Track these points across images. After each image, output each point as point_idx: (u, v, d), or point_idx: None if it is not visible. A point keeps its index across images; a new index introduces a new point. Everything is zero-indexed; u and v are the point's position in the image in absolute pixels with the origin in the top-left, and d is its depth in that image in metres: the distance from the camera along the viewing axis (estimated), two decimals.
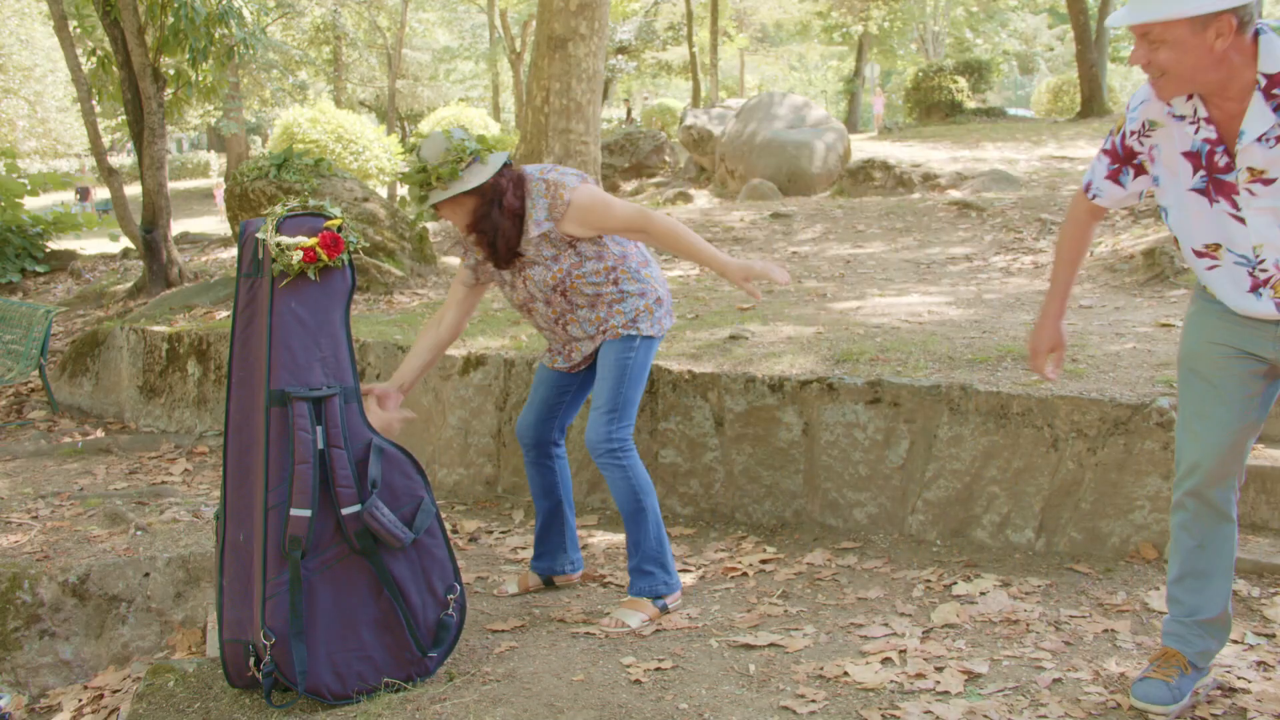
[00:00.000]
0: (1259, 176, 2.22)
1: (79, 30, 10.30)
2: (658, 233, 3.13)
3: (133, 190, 10.63)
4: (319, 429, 2.74)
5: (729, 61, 37.26)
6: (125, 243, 11.08)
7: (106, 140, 19.06)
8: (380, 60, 34.68)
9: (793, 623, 3.13)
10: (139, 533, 4.13)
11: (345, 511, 2.75)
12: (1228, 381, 2.41)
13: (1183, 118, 2.29)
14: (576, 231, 3.14)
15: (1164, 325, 4.73)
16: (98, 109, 9.62)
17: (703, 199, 13.11)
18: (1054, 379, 2.73)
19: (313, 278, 2.81)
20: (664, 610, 3.26)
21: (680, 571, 3.70)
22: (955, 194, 10.67)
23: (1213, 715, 2.44)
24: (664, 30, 33.98)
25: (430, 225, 10.07)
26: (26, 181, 11.44)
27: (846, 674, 2.70)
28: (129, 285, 9.20)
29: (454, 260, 8.30)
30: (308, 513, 2.70)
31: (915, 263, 7.29)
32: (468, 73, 40.20)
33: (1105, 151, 2.48)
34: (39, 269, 10.85)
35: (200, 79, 9.14)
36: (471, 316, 3.64)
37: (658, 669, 2.79)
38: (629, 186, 14.84)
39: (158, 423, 6.56)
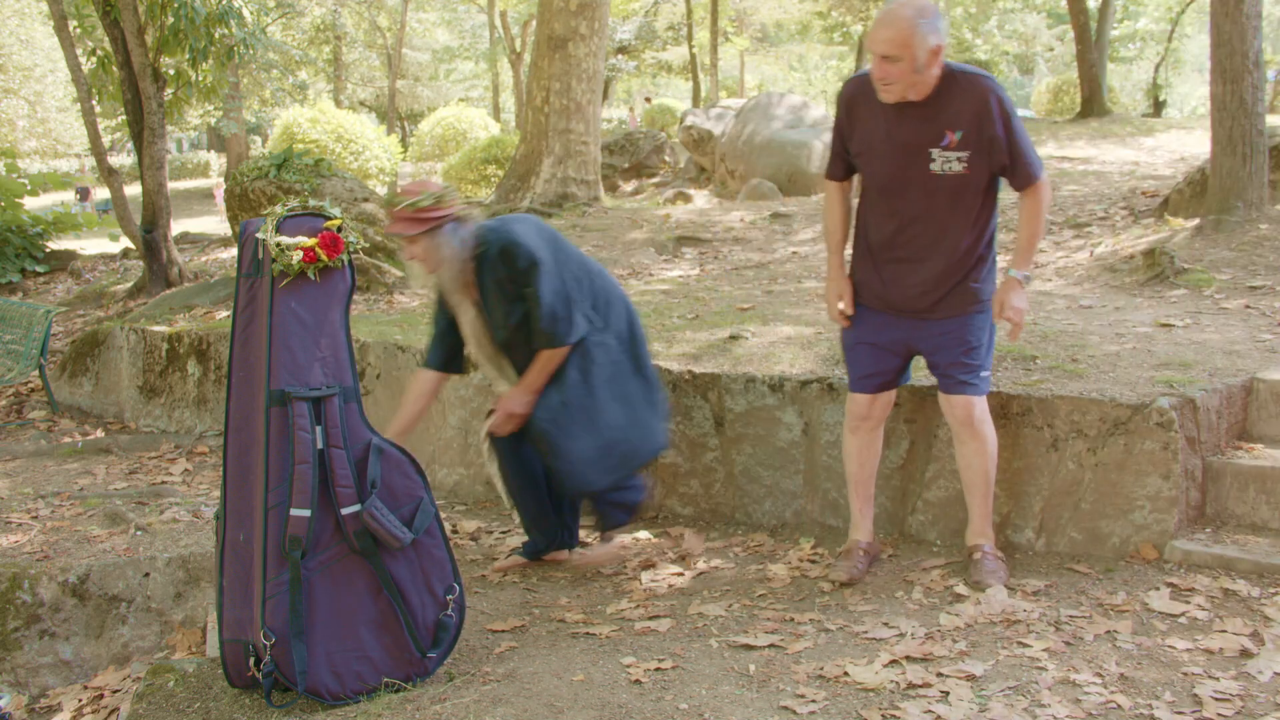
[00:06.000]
0: None
1: (79, 30, 10.30)
2: None
3: (133, 190, 10.62)
4: (319, 429, 2.74)
5: (729, 62, 37.24)
6: (125, 243, 11.08)
7: (106, 140, 19.05)
8: (380, 60, 34.72)
9: (793, 623, 3.13)
10: (139, 533, 4.13)
11: (345, 511, 2.75)
12: None
13: None
14: None
15: (1164, 325, 4.72)
16: (98, 109, 9.63)
17: (702, 199, 13.09)
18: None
19: (313, 278, 2.82)
20: None
21: (677, 575, 3.70)
22: None
23: (1220, 715, 2.44)
24: (664, 30, 33.97)
25: None
26: (26, 181, 11.45)
27: (846, 674, 2.69)
28: (129, 285, 9.20)
29: None
30: (307, 513, 2.70)
31: None
32: (468, 73, 40.21)
33: None
34: (39, 269, 10.86)
35: (200, 79, 9.16)
36: None
37: (658, 669, 2.79)
38: (629, 186, 14.83)
39: (158, 423, 6.56)
